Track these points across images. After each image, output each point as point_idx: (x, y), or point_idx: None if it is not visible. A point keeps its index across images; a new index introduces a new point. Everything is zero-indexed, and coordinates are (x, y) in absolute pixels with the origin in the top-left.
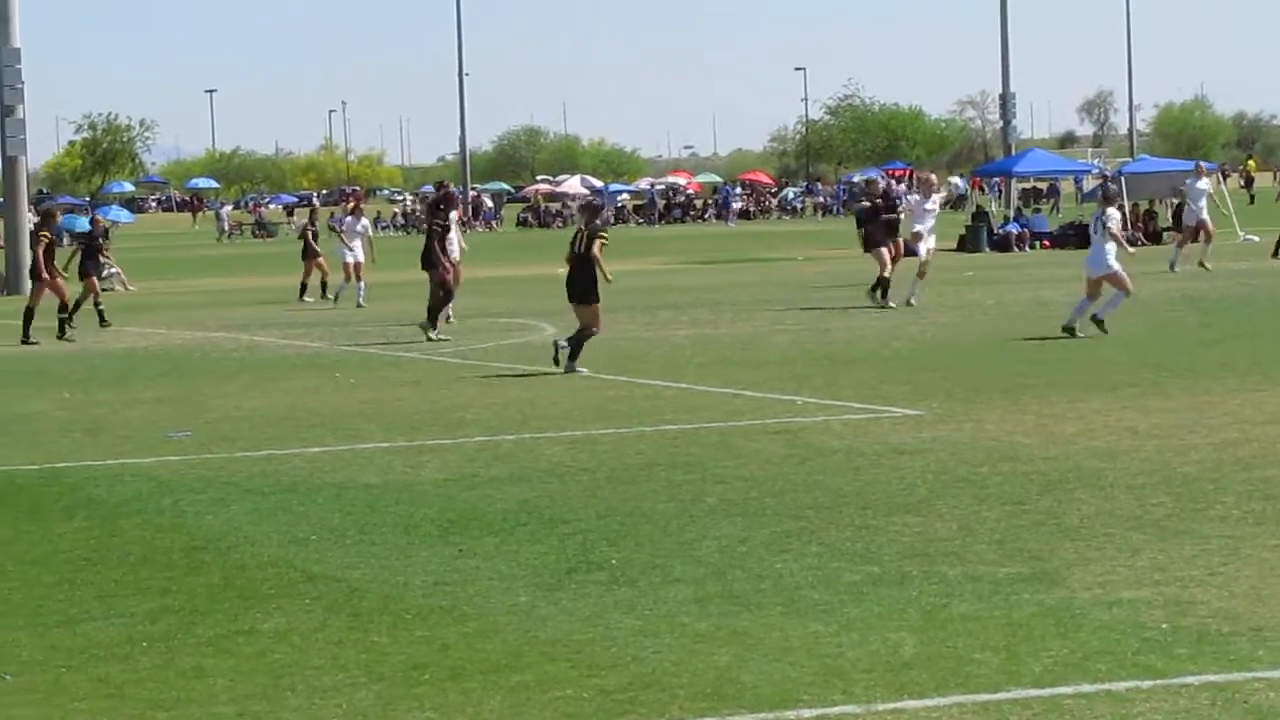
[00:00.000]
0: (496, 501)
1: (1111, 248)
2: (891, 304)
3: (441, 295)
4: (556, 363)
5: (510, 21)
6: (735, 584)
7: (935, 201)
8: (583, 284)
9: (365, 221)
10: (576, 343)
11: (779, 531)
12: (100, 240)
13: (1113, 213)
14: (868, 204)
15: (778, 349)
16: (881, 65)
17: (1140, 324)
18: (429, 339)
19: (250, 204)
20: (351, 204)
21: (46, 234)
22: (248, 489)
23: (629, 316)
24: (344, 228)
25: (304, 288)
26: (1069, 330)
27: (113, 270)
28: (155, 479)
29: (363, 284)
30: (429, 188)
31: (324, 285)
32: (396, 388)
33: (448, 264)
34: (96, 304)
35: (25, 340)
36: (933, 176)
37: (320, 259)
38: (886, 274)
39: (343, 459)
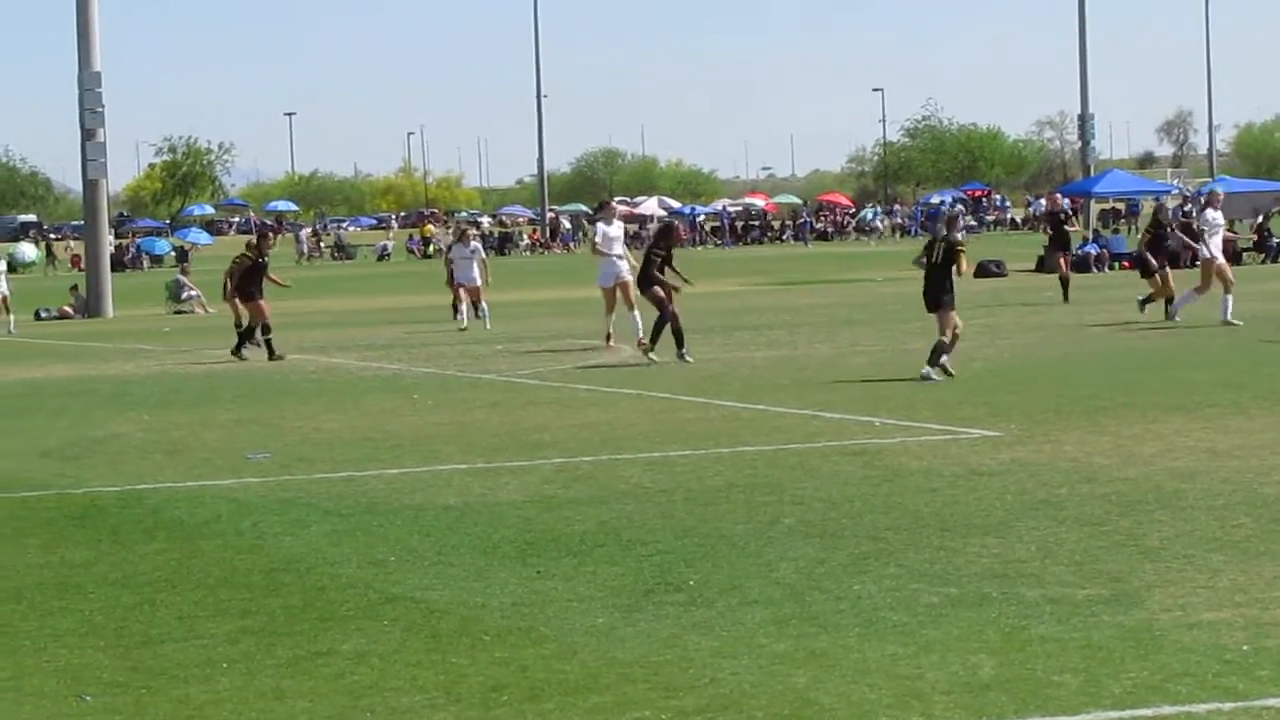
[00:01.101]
0: (575, 523)
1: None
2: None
3: (660, 317)
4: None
5: (589, 43)
6: (813, 605)
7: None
8: (937, 292)
9: (475, 244)
10: (936, 352)
11: (857, 553)
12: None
13: (1210, 214)
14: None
15: (856, 370)
16: (960, 86)
17: (1220, 344)
18: (650, 359)
19: (324, 226)
20: (460, 229)
21: (249, 255)
22: (327, 510)
23: (706, 338)
24: (453, 254)
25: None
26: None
27: (193, 293)
28: (235, 500)
29: (484, 306)
30: (517, 209)
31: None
32: (475, 409)
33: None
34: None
35: (238, 353)
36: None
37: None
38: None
39: (421, 480)
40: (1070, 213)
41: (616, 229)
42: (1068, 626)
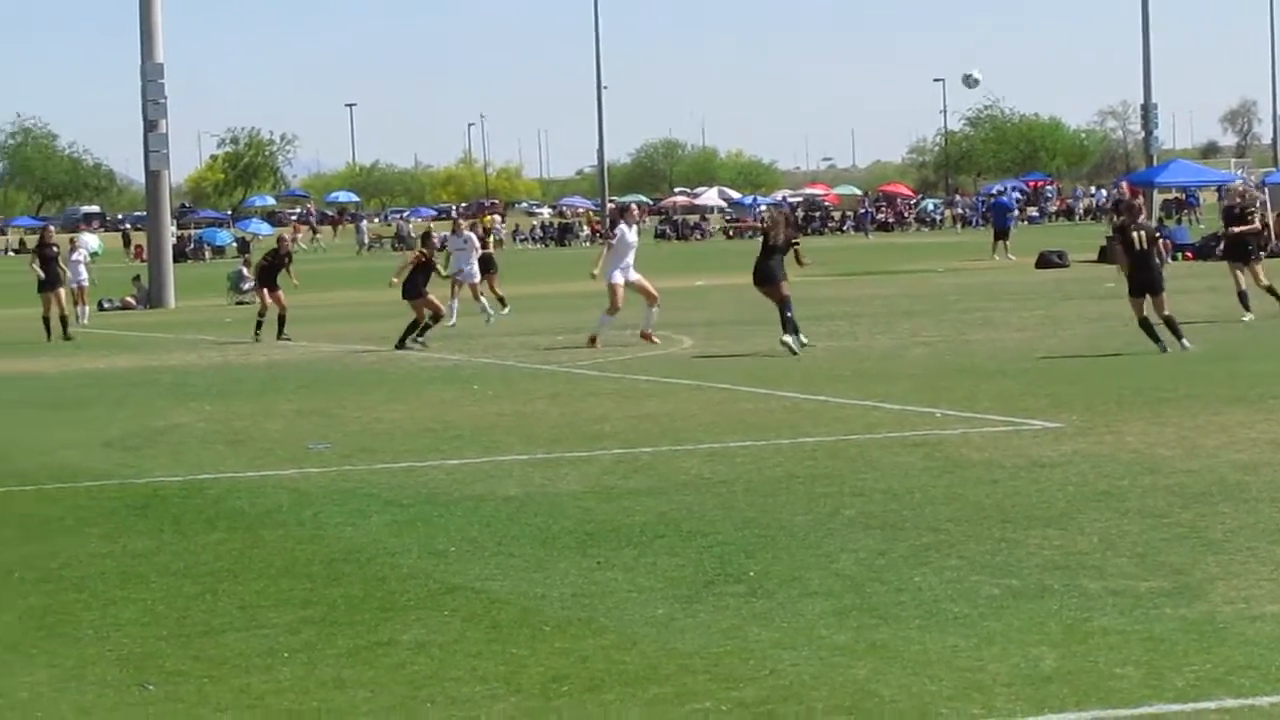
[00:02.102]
0: (635, 514)
1: None
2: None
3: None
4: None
5: (648, 34)
6: (874, 597)
7: None
8: (1147, 276)
9: (469, 235)
10: (1160, 329)
11: (918, 545)
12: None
13: None
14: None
15: (917, 361)
16: (1022, 75)
17: None
18: (794, 350)
19: (384, 217)
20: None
21: (424, 252)
22: (387, 501)
23: (766, 330)
24: (449, 246)
25: (501, 300)
26: None
27: (254, 283)
28: (296, 491)
29: (484, 300)
30: (576, 199)
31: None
32: (535, 400)
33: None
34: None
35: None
36: None
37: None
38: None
39: (482, 471)
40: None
41: (634, 235)
42: (1130, 619)
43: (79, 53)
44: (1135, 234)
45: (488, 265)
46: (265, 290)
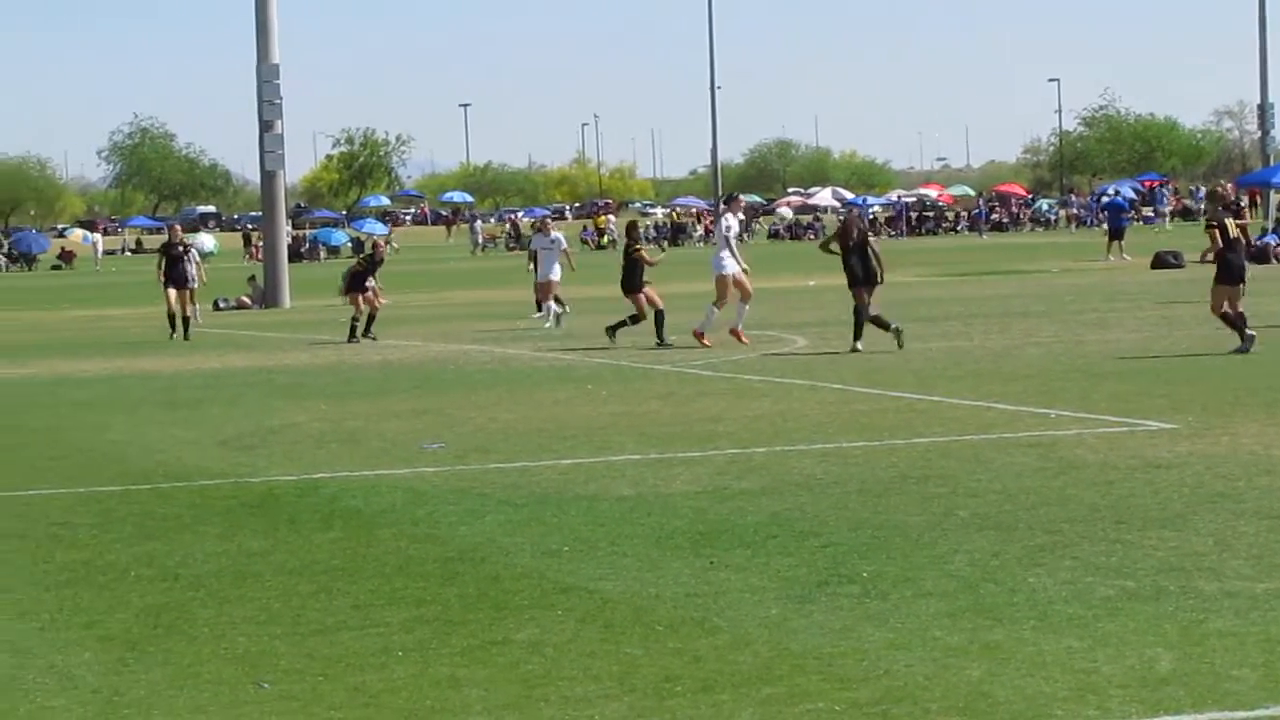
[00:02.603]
0: (747, 514)
1: None
2: None
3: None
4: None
5: (762, 34)
6: (987, 598)
7: None
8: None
9: (557, 235)
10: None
11: (1032, 545)
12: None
13: None
14: None
15: (1031, 361)
16: (1138, 75)
17: None
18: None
19: (499, 217)
20: (538, 221)
21: (640, 247)
22: (501, 500)
23: (879, 330)
24: (534, 245)
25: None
26: None
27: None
28: (410, 490)
29: (551, 304)
30: (690, 200)
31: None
32: (648, 400)
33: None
34: (355, 319)
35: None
36: None
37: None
38: None
39: (595, 471)
40: (1240, 204)
41: (735, 223)
42: (1246, 620)
43: (196, 53)
44: (1229, 221)
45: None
46: (357, 294)
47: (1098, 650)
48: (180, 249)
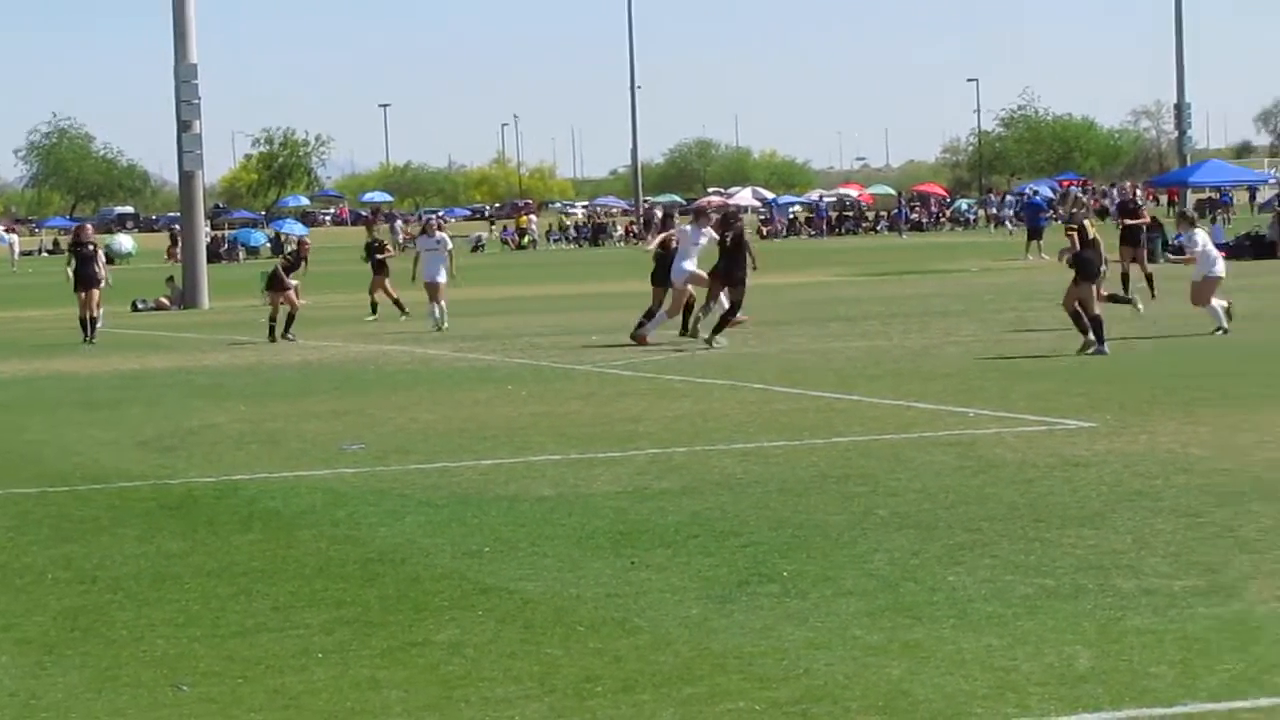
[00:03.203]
0: (668, 514)
1: None
2: None
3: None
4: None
5: (682, 34)
6: (907, 596)
7: None
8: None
9: (442, 236)
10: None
11: (951, 544)
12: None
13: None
14: None
15: (951, 361)
16: (1056, 76)
17: None
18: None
19: (419, 217)
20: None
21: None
22: (421, 501)
23: (800, 329)
24: (419, 246)
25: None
26: None
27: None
28: (330, 491)
29: (442, 305)
30: (610, 200)
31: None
32: (568, 400)
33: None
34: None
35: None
36: None
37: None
38: None
39: (515, 471)
40: (1138, 203)
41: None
42: (1164, 618)
43: (114, 53)
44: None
45: (380, 268)
46: (277, 293)
47: (1017, 648)
48: (90, 248)
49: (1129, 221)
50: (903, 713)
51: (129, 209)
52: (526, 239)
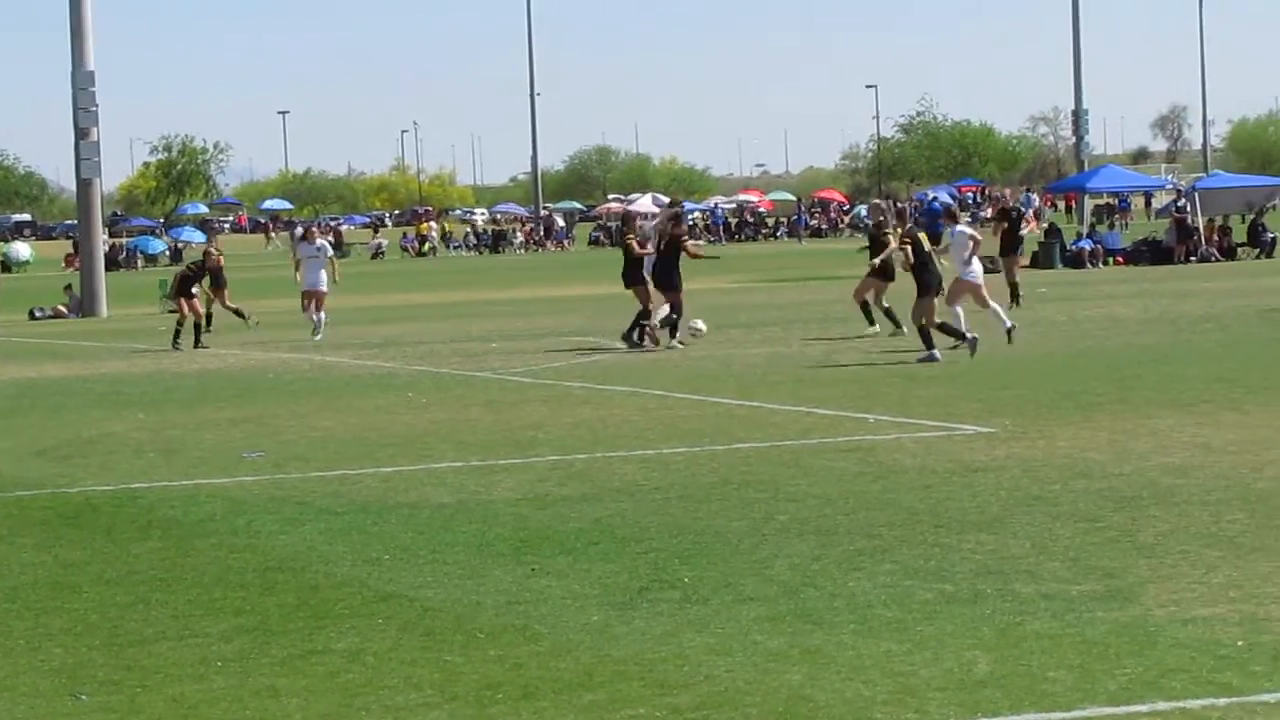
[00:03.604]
0: (569, 520)
1: None
2: None
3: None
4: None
5: (582, 41)
6: (808, 602)
7: None
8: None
9: (322, 243)
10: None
11: (851, 550)
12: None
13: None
14: None
15: (851, 367)
16: (955, 82)
17: (1214, 339)
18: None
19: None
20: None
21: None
22: (321, 509)
23: (712, 337)
24: (299, 254)
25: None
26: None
27: (194, 292)
28: (230, 499)
29: (323, 314)
30: (510, 206)
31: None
32: (469, 407)
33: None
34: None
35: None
36: None
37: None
38: None
39: (415, 479)
40: (1022, 210)
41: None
42: (1062, 623)
43: (10, 59)
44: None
45: (217, 279)
46: (183, 300)
47: (916, 653)
48: None
49: (1007, 227)
50: (803, 718)
51: (26, 217)
52: (427, 245)
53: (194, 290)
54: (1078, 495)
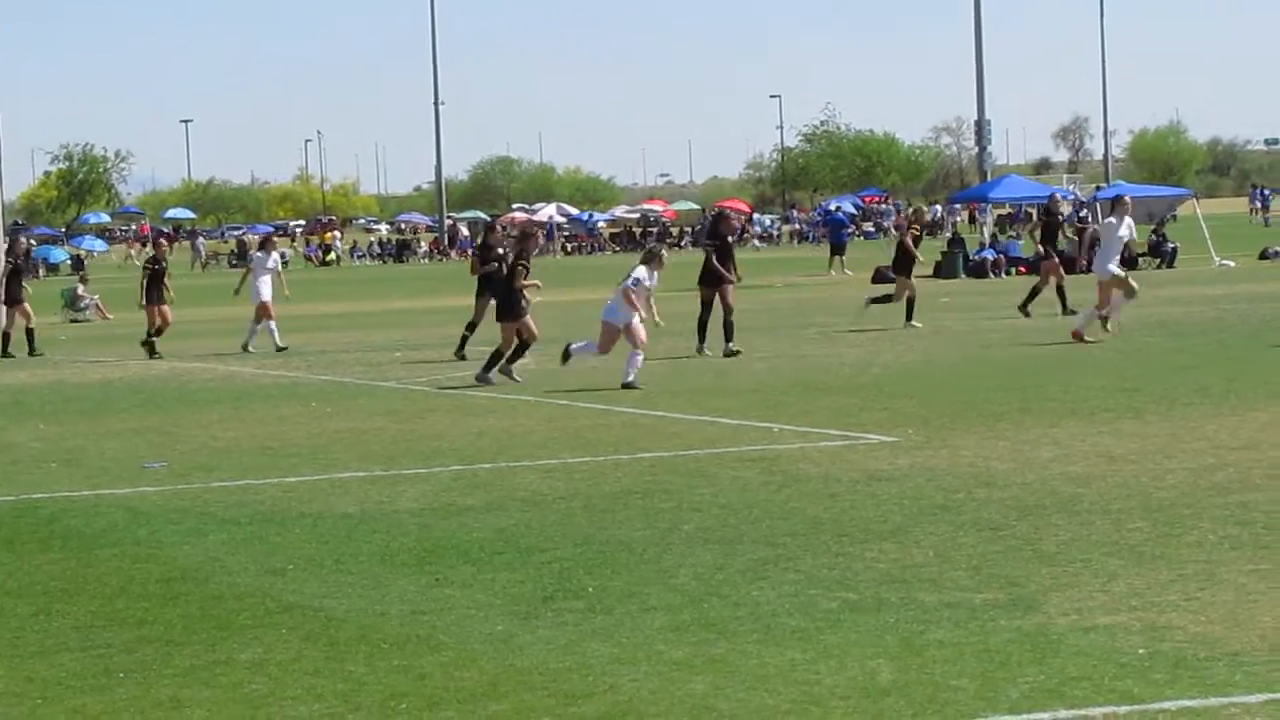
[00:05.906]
0: (473, 530)
1: None
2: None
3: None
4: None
5: (486, 51)
6: (712, 612)
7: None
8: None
9: (277, 255)
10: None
11: (755, 559)
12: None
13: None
14: None
15: (754, 376)
16: (858, 92)
17: (1115, 349)
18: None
19: (222, 234)
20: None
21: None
22: (224, 519)
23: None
24: (254, 264)
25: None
26: None
27: (92, 299)
28: (131, 510)
29: (265, 324)
30: (415, 216)
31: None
32: (372, 417)
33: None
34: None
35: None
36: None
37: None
38: None
39: (319, 488)
40: (921, 225)
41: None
42: (965, 631)
43: None
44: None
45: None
46: (154, 305)
47: (820, 662)
48: None
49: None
50: None
51: None
52: (331, 255)
53: (166, 283)
54: (981, 504)
